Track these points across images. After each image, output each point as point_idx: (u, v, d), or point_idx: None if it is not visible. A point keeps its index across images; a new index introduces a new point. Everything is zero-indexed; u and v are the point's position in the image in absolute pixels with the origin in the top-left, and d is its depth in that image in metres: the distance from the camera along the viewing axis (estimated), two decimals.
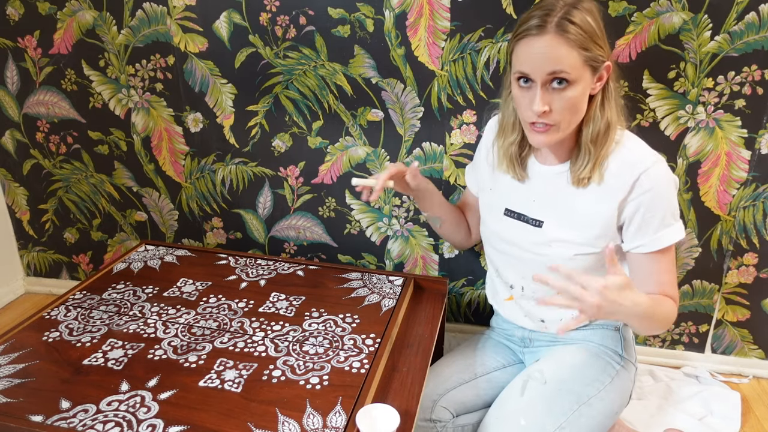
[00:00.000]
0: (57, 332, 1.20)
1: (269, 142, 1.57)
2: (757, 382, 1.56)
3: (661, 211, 1.01)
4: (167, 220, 1.75)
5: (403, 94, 1.45)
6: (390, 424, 0.92)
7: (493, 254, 1.23)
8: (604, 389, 1.10)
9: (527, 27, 0.94)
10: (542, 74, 0.93)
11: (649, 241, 1.03)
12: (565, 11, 0.92)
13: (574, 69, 0.93)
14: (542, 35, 0.92)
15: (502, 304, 1.25)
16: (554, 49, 0.92)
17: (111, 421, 0.96)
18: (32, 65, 1.63)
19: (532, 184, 1.12)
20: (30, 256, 1.92)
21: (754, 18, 1.25)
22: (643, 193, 1.00)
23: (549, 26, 0.91)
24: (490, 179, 1.21)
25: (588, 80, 0.96)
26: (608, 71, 0.98)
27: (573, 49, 0.92)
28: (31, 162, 1.77)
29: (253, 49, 1.47)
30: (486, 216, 1.21)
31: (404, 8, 1.36)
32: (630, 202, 1.01)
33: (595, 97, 1.00)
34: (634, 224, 1.03)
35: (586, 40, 0.92)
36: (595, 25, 0.94)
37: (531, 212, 1.11)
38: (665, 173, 1.01)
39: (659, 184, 1.00)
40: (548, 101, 0.95)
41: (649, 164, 0.99)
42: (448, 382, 1.21)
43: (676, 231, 1.03)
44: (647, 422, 1.38)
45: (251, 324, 1.22)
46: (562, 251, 1.07)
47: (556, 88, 0.94)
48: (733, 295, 1.52)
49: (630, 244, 1.05)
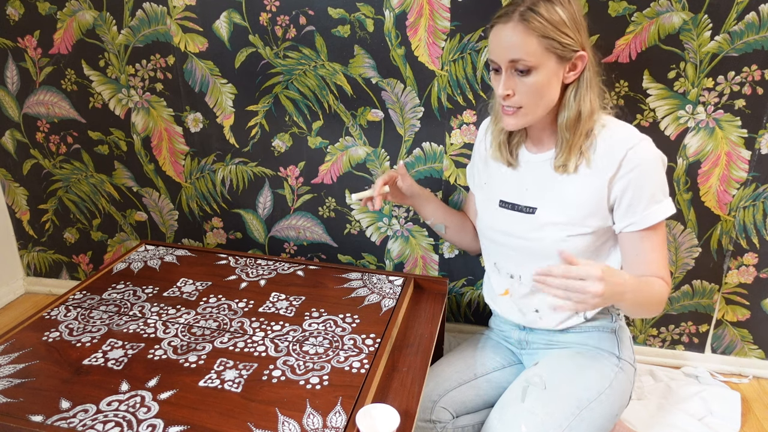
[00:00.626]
0: (57, 332, 1.20)
1: (269, 142, 1.57)
2: (757, 382, 1.56)
3: (649, 188, 1.03)
4: (167, 220, 1.75)
5: (403, 94, 1.45)
6: (390, 424, 0.92)
7: (490, 247, 1.25)
8: (603, 393, 1.10)
9: (496, 16, 1.01)
10: (504, 61, 1.00)
11: (640, 218, 1.05)
12: (533, 2, 0.97)
13: (533, 56, 0.97)
14: (506, 24, 0.98)
15: (497, 301, 1.26)
16: (514, 37, 0.97)
17: (111, 421, 0.95)
18: (32, 65, 1.63)
19: (523, 174, 1.15)
20: (30, 256, 1.92)
21: (754, 18, 1.25)
22: (631, 170, 1.02)
23: (513, 15, 0.97)
24: (484, 173, 1.24)
25: (552, 67, 0.99)
26: (583, 61, 1.01)
27: (532, 37, 0.96)
28: (31, 162, 1.77)
29: (253, 49, 1.48)
30: (482, 211, 1.24)
31: (404, 8, 1.36)
32: (618, 180, 1.04)
33: (570, 86, 1.04)
34: (624, 202, 1.05)
35: (548, 28, 0.96)
36: (564, 15, 0.97)
37: (524, 201, 1.14)
38: (652, 150, 1.04)
39: (646, 160, 1.02)
40: (512, 86, 1.01)
41: (636, 141, 1.02)
42: (448, 382, 1.21)
43: (665, 207, 1.05)
44: (647, 422, 1.38)
45: (251, 324, 1.22)
46: (555, 234, 1.09)
47: (519, 74, 1.00)
48: (733, 295, 1.52)
49: (621, 224, 1.07)
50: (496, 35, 1.00)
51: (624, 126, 1.07)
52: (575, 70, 1.02)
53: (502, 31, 0.99)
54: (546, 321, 1.19)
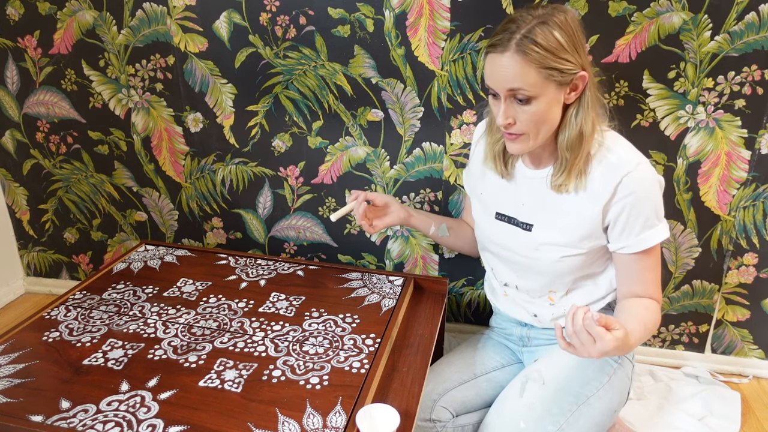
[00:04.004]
0: (57, 332, 1.20)
1: (269, 142, 1.57)
2: (757, 382, 1.56)
3: (644, 214, 1.02)
4: (167, 220, 1.75)
5: (403, 94, 1.45)
6: (390, 424, 0.92)
7: (487, 255, 1.26)
8: (602, 388, 1.10)
9: (492, 43, 0.97)
10: (503, 90, 0.97)
11: (634, 242, 1.04)
12: (528, 30, 0.93)
13: (534, 87, 0.94)
14: (503, 54, 0.94)
15: (499, 299, 1.27)
16: (512, 68, 0.94)
17: (111, 421, 0.95)
18: (32, 65, 1.63)
19: (519, 188, 1.14)
20: (30, 256, 1.92)
21: (754, 18, 1.25)
22: (625, 196, 1.01)
23: (510, 45, 0.93)
24: (480, 184, 1.23)
25: (553, 94, 0.97)
26: (583, 81, 0.98)
27: (531, 68, 0.93)
28: (31, 162, 1.77)
29: (253, 49, 1.47)
30: (479, 220, 1.24)
31: (404, 8, 1.36)
32: (614, 205, 1.03)
33: (572, 106, 1.01)
34: (618, 226, 1.04)
35: (546, 58, 0.93)
36: (563, 40, 0.94)
37: (521, 216, 1.13)
38: (648, 175, 1.02)
39: (641, 187, 1.01)
40: (512, 114, 0.98)
41: (631, 167, 1.00)
42: (448, 381, 1.21)
43: (659, 232, 1.04)
44: (647, 422, 1.38)
45: (251, 324, 1.22)
46: (550, 254, 1.09)
47: (519, 102, 0.97)
48: (733, 295, 1.52)
49: (615, 245, 1.07)
50: (492, 64, 0.97)
51: (621, 146, 1.04)
52: (576, 91, 0.99)
53: (497, 60, 0.95)
54: (545, 323, 1.20)
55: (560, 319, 1.18)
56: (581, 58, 0.97)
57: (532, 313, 1.20)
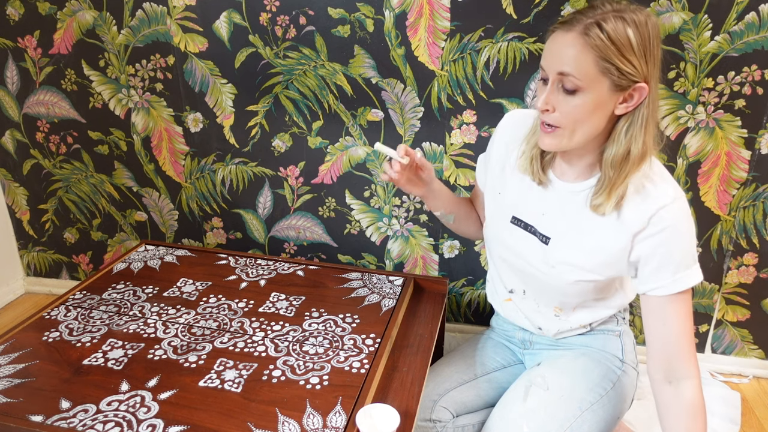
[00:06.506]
0: (57, 332, 1.20)
1: (269, 142, 1.57)
2: (757, 382, 1.56)
3: (680, 251, 0.95)
4: (167, 220, 1.75)
5: (403, 94, 1.45)
6: (390, 424, 0.92)
7: (495, 258, 1.20)
8: (606, 395, 1.09)
9: (561, 21, 0.90)
10: (553, 71, 0.89)
11: (669, 282, 0.96)
12: (603, 16, 0.86)
13: (585, 77, 0.87)
14: (566, 33, 0.87)
15: (501, 304, 1.25)
16: (570, 49, 0.87)
17: (111, 421, 0.95)
18: (32, 65, 1.63)
19: (544, 197, 1.07)
20: (30, 256, 1.92)
21: (754, 18, 1.25)
22: (660, 230, 0.94)
23: (577, 26, 0.86)
24: (499, 182, 1.15)
25: (604, 94, 0.88)
26: (641, 94, 0.89)
27: (589, 55, 0.86)
28: (31, 162, 1.77)
29: (253, 49, 1.47)
30: (491, 219, 1.17)
31: (404, 8, 1.36)
32: (647, 239, 0.95)
33: (623, 119, 0.93)
34: (652, 263, 0.96)
35: (609, 49, 0.85)
36: (634, 39, 0.86)
37: (540, 225, 1.07)
38: (685, 211, 0.95)
39: (678, 222, 0.94)
40: (554, 102, 0.91)
41: (669, 200, 0.93)
42: (449, 382, 1.21)
43: (695, 273, 0.96)
44: (647, 422, 1.38)
45: (251, 324, 1.22)
46: (566, 275, 1.04)
47: (565, 92, 0.89)
48: (733, 295, 1.52)
49: (647, 285, 0.98)
50: (553, 41, 0.89)
51: (663, 178, 0.96)
52: (629, 102, 0.90)
53: (560, 38, 0.88)
54: (549, 334, 1.18)
55: (565, 333, 1.15)
56: (647, 69, 0.88)
57: (537, 325, 1.18)
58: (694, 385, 0.97)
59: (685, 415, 0.97)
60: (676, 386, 0.97)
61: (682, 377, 0.97)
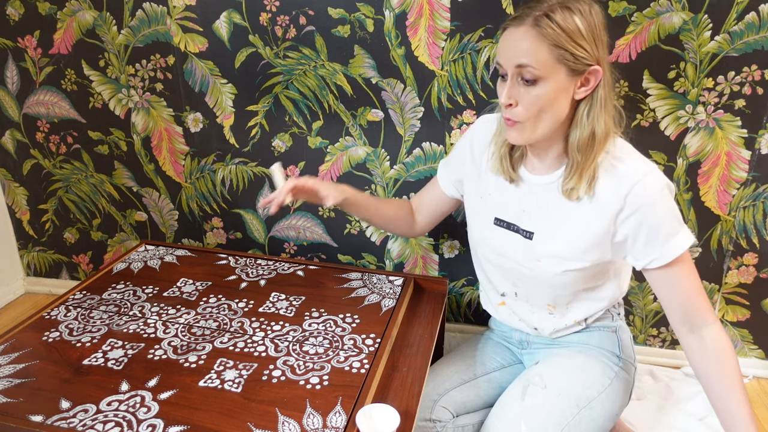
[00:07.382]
0: (57, 332, 1.20)
1: (269, 142, 1.57)
2: (757, 382, 1.56)
3: (664, 221, 0.98)
4: (167, 220, 1.75)
5: (403, 94, 1.45)
6: (390, 424, 0.92)
7: (482, 262, 1.21)
8: (603, 392, 1.10)
9: (510, 18, 0.95)
10: (511, 66, 0.93)
11: (661, 253, 0.99)
12: (550, 8, 0.91)
13: (543, 66, 0.91)
14: (517, 28, 0.92)
15: (495, 308, 1.25)
16: (524, 42, 0.91)
17: (111, 421, 0.95)
18: (32, 65, 1.63)
19: (521, 194, 1.09)
20: (30, 256, 1.92)
21: (754, 18, 1.25)
22: (639, 207, 0.97)
23: (527, 20, 0.91)
24: (477, 186, 1.17)
25: (562, 81, 0.93)
26: (596, 76, 0.94)
27: (543, 45, 0.90)
28: (31, 162, 1.77)
29: (253, 49, 1.47)
30: (474, 223, 1.19)
31: (404, 8, 1.36)
32: (627, 219, 0.98)
33: (582, 103, 0.97)
34: (640, 240, 0.99)
35: (561, 36, 0.90)
36: (582, 25, 0.91)
37: (522, 223, 1.09)
38: (659, 183, 0.98)
39: (653, 195, 0.97)
40: (515, 95, 0.95)
41: (641, 176, 0.97)
42: (448, 381, 1.21)
43: (684, 237, 0.99)
44: (647, 422, 1.38)
45: (251, 324, 1.22)
46: (552, 267, 1.06)
47: (525, 83, 0.93)
48: (733, 295, 1.52)
49: (642, 261, 1.02)
50: (506, 38, 0.94)
51: (629, 155, 1.00)
52: (587, 86, 0.95)
53: (512, 34, 0.93)
54: (545, 334, 1.19)
55: (561, 331, 1.17)
56: (598, 52, 0.93)
57: (532, 326, 1.18)
58: (714, 330, 1.01)
59: (713, 358, 1.02)
60: (698, 334, 1.02)
61: (702, 326, 1.02)
